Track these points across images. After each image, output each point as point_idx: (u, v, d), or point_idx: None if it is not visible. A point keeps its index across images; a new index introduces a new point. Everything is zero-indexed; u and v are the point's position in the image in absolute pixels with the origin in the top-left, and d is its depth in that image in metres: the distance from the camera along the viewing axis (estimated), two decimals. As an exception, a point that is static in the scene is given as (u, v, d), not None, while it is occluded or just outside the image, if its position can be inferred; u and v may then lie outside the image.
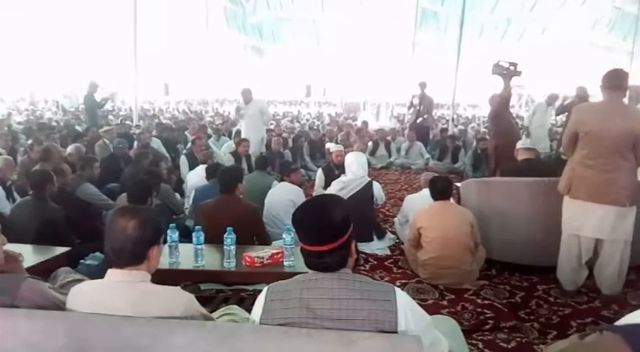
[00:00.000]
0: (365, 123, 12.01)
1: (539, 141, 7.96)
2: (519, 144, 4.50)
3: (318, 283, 1.47)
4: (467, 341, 2.72)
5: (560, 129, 8.83)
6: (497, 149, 6.12)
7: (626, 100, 6.67)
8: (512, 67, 6.29)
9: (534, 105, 8.36)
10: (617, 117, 3.16)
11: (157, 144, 7.54)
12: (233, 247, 2.89)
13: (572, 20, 17.06)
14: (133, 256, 1.60)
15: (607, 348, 1.03)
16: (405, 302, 1.47)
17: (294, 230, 1.71)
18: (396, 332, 1.42)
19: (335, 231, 1.46)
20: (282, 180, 4.78)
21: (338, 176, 4.85)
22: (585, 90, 7.51)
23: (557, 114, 7.75)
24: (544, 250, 3.69)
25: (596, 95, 3.29)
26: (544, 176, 3.98)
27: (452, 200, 3.98)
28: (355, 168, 4.48)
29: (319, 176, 5.62)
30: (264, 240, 3.57)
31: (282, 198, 4.40)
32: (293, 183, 4.66)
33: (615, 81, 3.20)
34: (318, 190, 5.42)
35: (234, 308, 2.29)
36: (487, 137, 8.41)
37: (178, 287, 1.70)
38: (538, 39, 18.20)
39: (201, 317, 1.69)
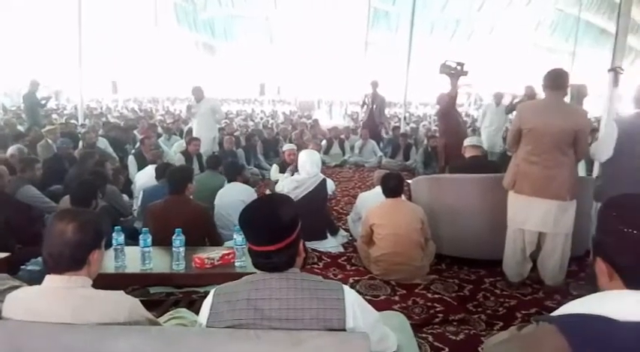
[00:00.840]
0: (316, 122, 12.04)
1: (491, 142, 8.17)
2: (466, 142, 4.62)
3: (266, 283, 1.45)
4: (417, 335, 2.79)
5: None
6: (447, 146, 6.29)
7: (568, 98, 7.02)
8: (459, 67, 6.49)
9: (484, 106, 8.61)
10: (558, 115, 3.30)
11: (103, 144, 7.26)
12: (182, 249, 2.82)
13: (518, 21, 17.71)
14: (72, 261, 1.53)
15: (542, 338, 1.05)
16: (353, 300, 1.46)
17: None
18: (344, 330, 1.42)
19: (283, 231, 1.45)
20: (231, 180, 4.69)
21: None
22: (533, 89, 7.79)
23: (506, 113, 8.02)
24: (491, 244, 3.81)
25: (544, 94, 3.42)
26: (490, 172, 4.11)
27: (403, 197, 4.05)
28: (309, 166, 4.47)
29: (275, 169, 5.56)
30: (216, 240, 3.50)
31: (234, 198, 4.33)
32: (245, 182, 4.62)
33: (556, 80, 3.34)
34: (279, 185, 5.36)
35: (183, 312, 2.23)
36: (437, 135, 8.63)
37: (121, 292, 1.64)
38: (486, 39, 18.79)
39: (147, 322, 1.64)
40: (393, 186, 3.81)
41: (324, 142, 9.79)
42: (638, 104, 3.39)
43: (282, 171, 5.51)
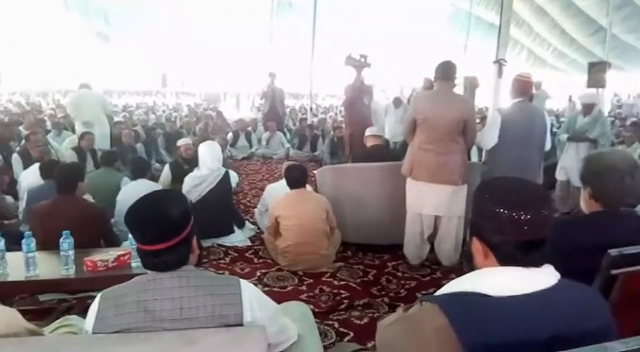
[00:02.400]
0: (220, 114, 11.79)
1: (393, 132, 8.32)
2: (368, 132, 4.76)
3: (157, 283, 1.38)
4: (324, 322, 2.86)
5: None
6: (352, 137, 6.43)
7: (461, 89, 7.48)
8: (362, 59, 6.68)
9: (385, 106, 8.88)
10: (448, 105, 3.50)
11: (-17, 141, 6.54)
12: (71, 252, 2.61)
13: (416, 14, 18.52)
14: None
15: (425, 318, 1.09)
16: (250, 294, 1.44)
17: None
18: (242, 325, 1.39)
19: (173, 228, 1.38)
20: (137, 177, 4.42)
21: (188, 171, 4.63)
22: (431, 81, 8.19)
23: (408, 103, 8.35)
24: (393, 229, 3.97)
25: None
26: (391, 160, 4.28)
27: (309, 187, 4.09)
28: (210, 161, 4.33)
29: (165, 173, 5.27)
30: (112, 241, 3.29)
31: (139, 196, 4.08)
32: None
33: (445, 72, 3.54)
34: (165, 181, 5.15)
35: (74, 319, 2.07)
36: (343, 125, 8.81)
37: (-4, 303, 1.49)
38: (388, 31, 19.46)
39: (27, 334, 1.50)
40: (297, 177, 3.83)
41: (230, 135, 9.62)
42: (516, 94, 3.69)
43: (178, 168, 5.20)
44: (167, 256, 1.38)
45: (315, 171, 4.75)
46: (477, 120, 6.54)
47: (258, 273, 3.68)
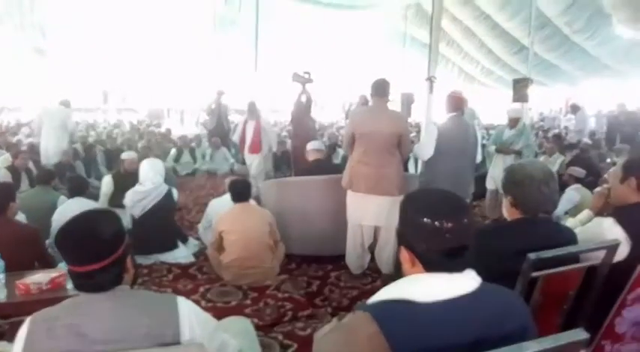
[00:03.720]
0: (168, 131, 11.61)
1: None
2: (309, 146, 4.86)
3: (90, 305, 1.34)
4: (268, 335, 2.89)
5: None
6: (296, 150, 6.54)
7: (398, 105, 7.75)
8: (306, 75, 6.89)
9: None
10: (384, 120, 3.66)
11: None
12: (2, 276, 2.51)
13: (356, 31, 19.02)
14: None
15: (357, 326, 1.13)
16: (188, 311, 1.44)
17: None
18: (179, 344, 1.38)
19: (105, 247, 1.36)
20: (75, 195, 4.27)
21: (130, 184, 4.53)
22: (366, 98, 8.48)
23: (346, 119, 8.60)
24: (335, 240, 4.07)
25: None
26: (332, 173, 4.38)
27: (253, 201, 4.12)
28: (153, 175, 4.28)
29: (107, 183, 5.11)
30: (47, 263, 3.15)
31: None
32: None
33: (379, 89, 3.71)
34: (103, 199, 5.01)
35: (4, 345, 2.00)
36: (286, 140, 8.92)
37: None
38: (331, 46, 19.85)
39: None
40: (240, 191, 3.86)
41: (173, 151, 9.48)
42: (450, 109, 3.92)
43: (121, 179, 5.09)
44: (99, 277, 1.35)
45: (259, 185, 4.77)
46: (413, 134, 6.84)
47: (201, 289, 3.66)
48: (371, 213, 3.74)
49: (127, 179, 4.96)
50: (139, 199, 4.21)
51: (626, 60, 12.73)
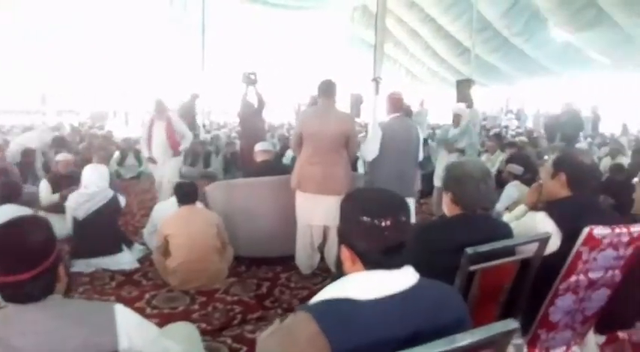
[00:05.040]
0: (110, 133, 11.21)
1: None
2: (257, 147, 4.83)
3: (20, 317, 1.28)
4: (216, 340, 2.85)
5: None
6: (243, 151, 6.48)
7: (348, 106, 7.84)
8: (252, 76, 6.85)
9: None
10: (331, 120, 3.69)
11: None
12: None
13: (306, 31, 19.10)
14: None
15: (298, 327, 1.13)
16: (126, 319, 1.40)
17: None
18: None
19: (35, 256, 1.30)
20: (5, 202, 4.03)
21: (65, 187, 4.34)
22: (316, 97, 8.52)
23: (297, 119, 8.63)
24: (285, 241, 4.06)
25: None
26: (281, 174, 4.37)
27: (199, 204, 4.04)
28: (97, 179, 4.11)
29: (44, 187, 4.89)
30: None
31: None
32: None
33: (326, 90, 3.74)
34: (44, 203, 4.79)
35: None
36: (236, 141, 8.82)
37: None
38: (282, 47, 19.83)
39: None
40: (186, 193, 3.78)
41: (117, 153, 9.15)
42: (391, 110, 4.00)
43: (57, 181, 4.86)
44: (29, 287, 1.28)
45: (206, 188, 4.69)
46: (362, 134, 6.94)
47: (147, 296, 3.55)
48: (320, 213, 3.75)
49: (62, 181, 4.79)
50: (84, 201, 4.05)
51: (561, 61, 13.44)
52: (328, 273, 3.95)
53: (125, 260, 4.15)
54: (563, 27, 11.80)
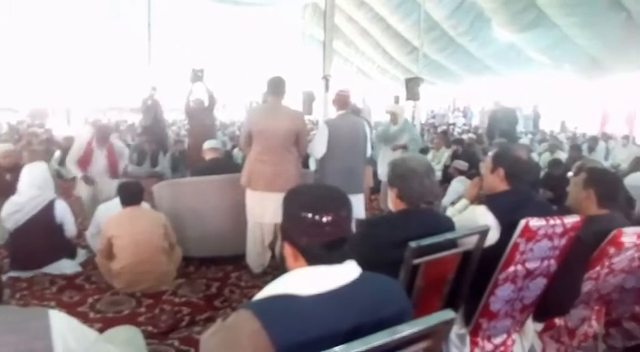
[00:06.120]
0: (49, 132, 10.70)
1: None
2: (205, 145, 4.74)
3: None
4: (163, 343, 2.78)
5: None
6: (191, 149, 6.36)
7: (300, 103, 7.84)
8: (199, 73, 6.75)
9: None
10: (280, 118, 3.67)
11: None
12: None
13: (258, 28, 18.94)
14: None
15: (240, 324, 1.13)
16: (61, 324, 1.36)
17: None
18: None
19: None
20: None
21: (8, 182, 4.08)
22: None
23: None
24: (235, 240, 4.01)
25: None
26: (231, 172, 4.31)
27: (145, 204, 3.93)
28: (27, 187, 3.86)
29: None
30: None
31: None
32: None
33: (274, 87, 3.72)
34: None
35: None
36: (184, 139, 8.64)
37: None
38: (234, 44, 19.58)
39: None
40: (131, 193, 3.66)
41: (58, 153, 8.74)
42: (338, 107, 4.03)
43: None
44: None
45: (153, 187, 4.56)
46: (314, 131, 6.96)
47: (90, 300, 3.41)
48: (270, 211, 3.73)
49: (3, 176, 4.51)
50: (13, 212, 3.82)
51: (504, 61, 13.98)
52: (279, 271, 3.92)
53: (66, 265, 3.97)
54: (506, 28, 12.28)
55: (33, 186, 3.87)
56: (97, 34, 15.66)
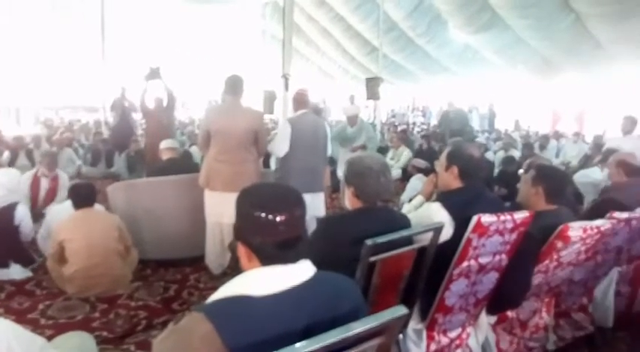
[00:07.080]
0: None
1: None
2: (162, 145, 4.63)
3: None
4: (119, 347, 2.71)
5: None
6: (147, 149, 6.22)
7: (261, 102, 7.78)
8: (156, 71, 6.63)
9: None
10: (238, 117, 3.63)
11: None
12: None
13: (217, 26, 18.68)
14: None
15: (192, 327, 1.11)
16: (6, 332, 1.31)
17: None
18: None
19: None
20: None
21: None
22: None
23: None
24: (193, 241, 3.95)
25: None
26: (189, 172, 4.24)
27: (99, 206, 3.81)
28: None
29: None
30: None
31: None
32: None
33: (232, 86, 3.67)
34: None
35: None
36: (141, 139, 8.42)
37: None
38: (194, 42, 19.24)
39: None
40: (84, 195, 3.54)
41: (7, 154, 8.36)
42: (297, 107, 4.02)
43: None
44: None
45: (107, 189, 4.43)
46: (275, 131, 6.93)
47: (41, 306, 3.29)
48: (229, 211, 3.64)
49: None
50: None
51: (461, 61, 14.31)
52: (239, 272, 3.88)
53: (14, 270, 3.80)
54: (461, 29, 12.57)
55: (3, 186, 3.74)
56: (48, 30, 15.04)
